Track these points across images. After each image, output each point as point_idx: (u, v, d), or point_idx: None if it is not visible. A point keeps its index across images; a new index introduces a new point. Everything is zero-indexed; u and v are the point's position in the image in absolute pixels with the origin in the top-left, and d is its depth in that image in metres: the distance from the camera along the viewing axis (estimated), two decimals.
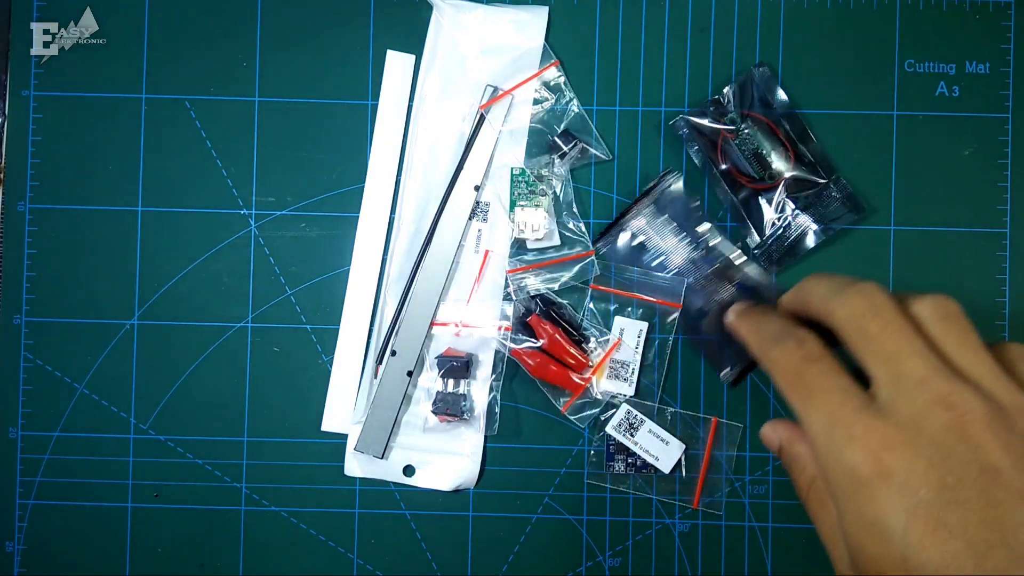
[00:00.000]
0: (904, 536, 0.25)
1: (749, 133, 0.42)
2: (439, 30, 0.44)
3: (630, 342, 0.43)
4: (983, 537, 0.24)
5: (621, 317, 0.43)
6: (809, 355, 0.30)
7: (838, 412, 0.28)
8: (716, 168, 0.42)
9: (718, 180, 0.43)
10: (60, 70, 0.44)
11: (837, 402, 0.28)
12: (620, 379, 0.43)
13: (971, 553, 0.24)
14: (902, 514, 0.25)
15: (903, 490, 0.25)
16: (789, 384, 0.30)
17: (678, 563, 0.43)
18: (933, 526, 0.25)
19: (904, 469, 0.26)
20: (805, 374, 0.29)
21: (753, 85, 0.43)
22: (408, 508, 0.44)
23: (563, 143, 0.43)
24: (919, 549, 0.25)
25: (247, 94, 0.44)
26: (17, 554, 0.44)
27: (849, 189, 0.42)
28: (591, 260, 0.43)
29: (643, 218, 0.42)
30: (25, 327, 0.44)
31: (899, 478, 0.26)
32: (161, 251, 0.44)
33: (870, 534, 0.26)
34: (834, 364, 0.29)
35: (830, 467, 0.28)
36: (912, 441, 0.26)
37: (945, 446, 0.25)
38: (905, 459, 0.26)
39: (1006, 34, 0.44)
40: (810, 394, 0.29)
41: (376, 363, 0.43)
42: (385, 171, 0.44)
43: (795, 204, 0.42)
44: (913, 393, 0.27)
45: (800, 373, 0.30)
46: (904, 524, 0.25)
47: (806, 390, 0.29)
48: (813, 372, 0.29)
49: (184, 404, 0.44)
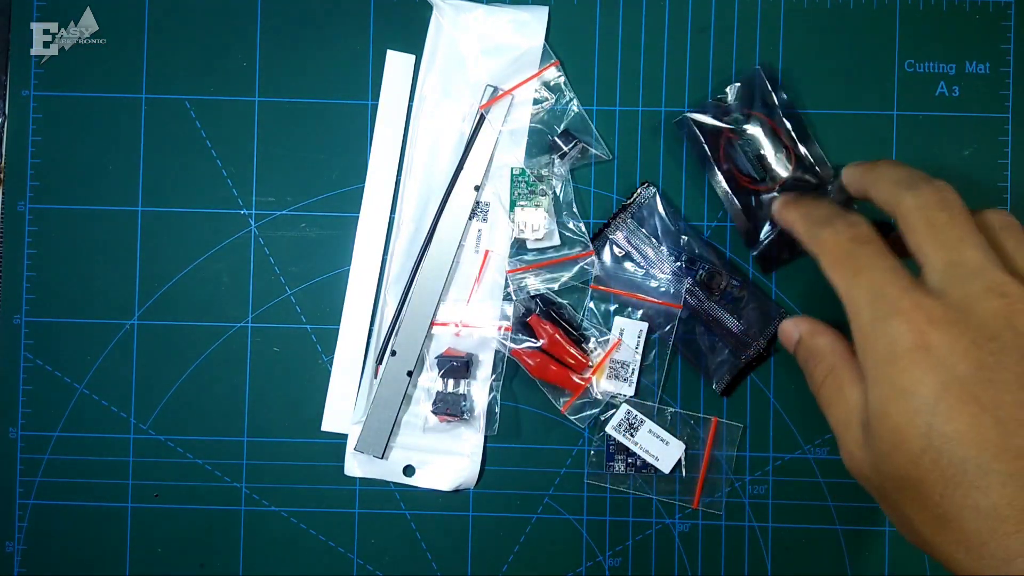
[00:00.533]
0: (934, 406, 0.26)
1: (752, 134, 0.42)
2: (439, 30, 0.44)
3: (630, 342, 0.43)
4: (1014, 415, 0.25)
5: (621, 317, 0.43)
6: (859, 236, 0.30)
7: (886, 287, 0.28)
8: (718, 168, 0.42)
9: (719, 180, 0.43)
10: (60, 70, 0.44)
11: (886, 279, 0.28)
12: (620, 379, 0.43)
13: (999, 430, 0.25)
14: (937, 385, 0.26)
15: (941, 363, 0.26)
16: (837, 262, 0.30)
17: (678, 563, 0.43)
18: (966, 399, 0.25)
19: (946, 345, 0.26)
20: (855, 252, 0.30)
21: (755, 85, 0.43)
22: (408, 508, 0.44)
23: (563, 143, 0.43)
24: (947, 419, 0.25)
25: (247, 94, 0.44)
26: (17, 554, 0.44)
27: (847, 192, 0.42)
28: (591, 260, 0.43)
29: (623, 232, 0.43)
30: (25, 327, 0.44)
31: (940, 352, 0.26)
32: (161, 251, 0.44)
33: (899, 402, 0.27)
34: (884, 247, 0.30)
35: (871, 339, 0.28)
36: (958, 321, 0.26)
37: (991, 329, 0.26)
38: (949, 336, 0.26)
39: (1006, 34, 0.44)
40: (858, 270, 0.29)
41: (376, 363, 0.43)
42: (385, 171, 0.44)
43: None
44: (968, 279, 0.27)
45: (850, 252, 0.30)
46: (936, 394, 0.26)
47: (855, 267, 0.29)
48: (863, 252, 0.30)
49: (184, 404, 0.44)
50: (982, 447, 0.25)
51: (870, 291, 0.28)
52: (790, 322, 0.36)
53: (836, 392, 0.31)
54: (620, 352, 0.43)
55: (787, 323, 0.36)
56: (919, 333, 0.26)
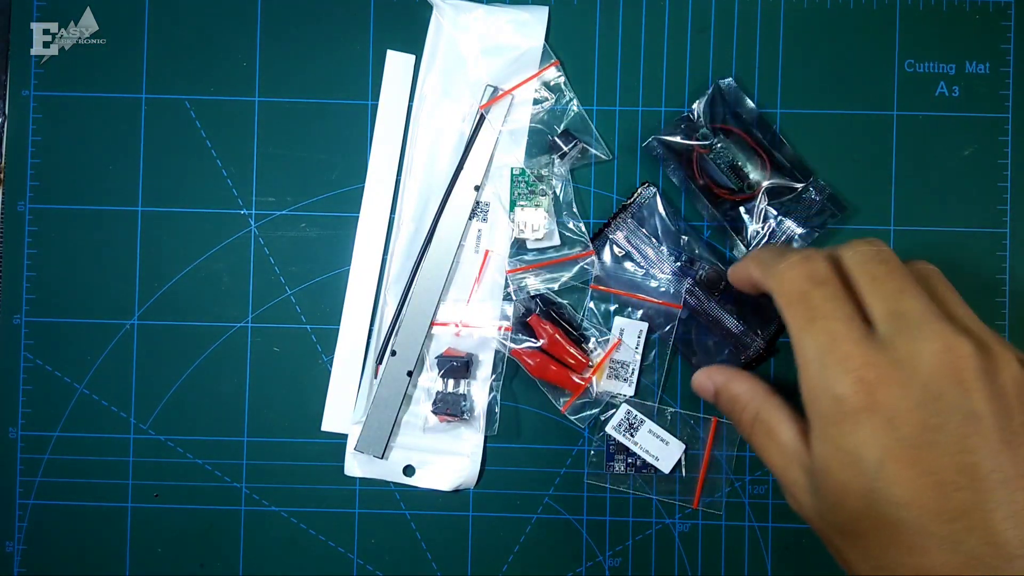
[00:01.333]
0: (877, 469, 0.26)
1: (723, 147, 0.42)
2: (439, 30, 0.44)
3: (630, 342, 0.43)
4: (951, 479, 0.25)
5: (621, 318, 0.43)
6: (815, 274, 0.30)
7: (838, 339, 0.28)
8: (694, 184, 0.42)
9: (698, 196, 0.43)
10: (60, 70, 0.44)
11: (839, 329, 0.28)
12: (620, 379, 0.43)
13: (937, 493, 0.25)
14: (880, 449, 0.26)
15: (887, 425, 0.26)
16: (791, 304, 0.29)
17: (678, 563, 0.43)
18: (908, 463, 0.25)
19: (892, 405, 0.26)
20: (810, 295, 0.29)
21: (722, 98, 0.43)
22: (408, 508, 0.44)
23: (563, 143, 0.43)
24: (889, 483, 0.26)
25: (247, 94, 0.44)
26: (17, 554, 0.44)
27: (828, 189, 0.42)
28: (591, 260, 0.43)
29: (623, 231, 0.43)
30: (25, 327, 0.44)
31: (885, 413, 0.26)
32: (161, 251, 0.44)
33: (843, 463, 0.27)
34: (840, 289, 0.29)
35: (816, 393, 0.28)
36: (905, 379, 0.26)
37: (936, 387, 0.26)
38: (895, 396, 0.26)
39: (1006, 34, 0.44)
40: (812, 317, 0.29)
41: (376, 363, 0.43)
42: (385, 171, 0.44)
43: (777, 210, 0.42)
44: (912, 331, 0.27)
45: (804, 294, 0.29)
46: (880, 458, 0.26)
47: (809, 313, 0.29)
48: (818, 295, 0.29)
49: (184, 404, 0.44)
50: (920, 511, 0.25)
51: (822, 342, 0.28)
52: (702, 373, 0.35)
53: (767, 437, 0.31)
54: (620, 352, 0.43)
55: (699, 375, 0.36)
56: (868, 393, 0.26)
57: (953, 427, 0.25)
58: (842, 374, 0.27)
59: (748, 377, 0.33)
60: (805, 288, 0.29)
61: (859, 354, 0.27)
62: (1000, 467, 0.25)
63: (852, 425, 0.26)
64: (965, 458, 0.25)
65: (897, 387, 0.26)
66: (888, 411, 0.26)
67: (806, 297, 0.29)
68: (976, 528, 0.24)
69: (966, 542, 0.24)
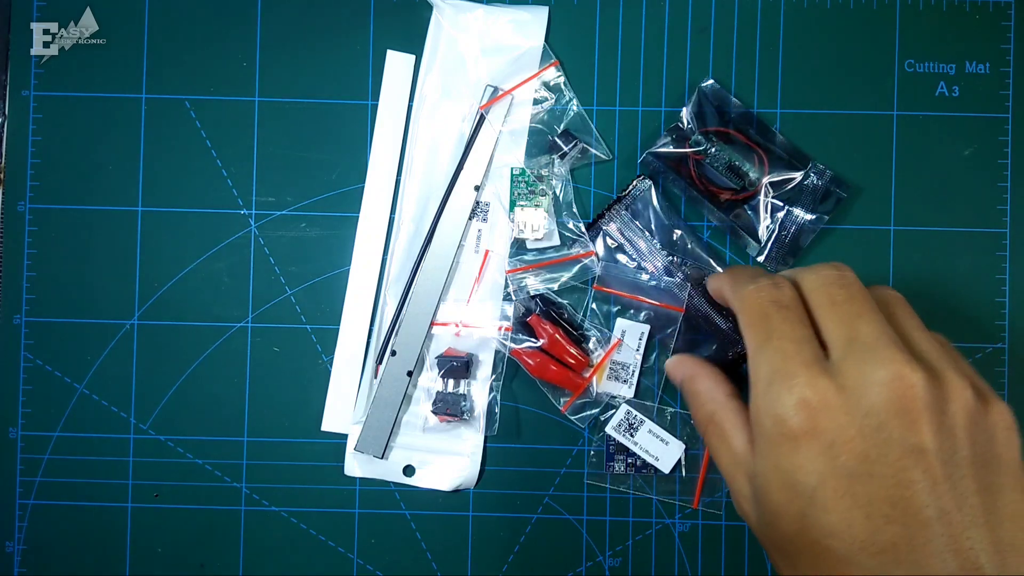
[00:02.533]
0: (812, 495, 0.26)
1: (717, 149, 0.42)
2: (439, 30, 0.44)
3: (631, 344, 0.43)
4: (884, 512, 0.25)
5: (623, 319, 0.43)
6: (780, 299, 0.30)
7: (787, 361, 0.27)
8: (696, 191, 0.42)
9: (702, 202, 0.43)
10: (60, 70, 0.44)
11: (790, 350, 0.28)
12: (620, 380, 0.43)
13: (867, 525, 0.25)
14: (816, 475, 0.26)
15: (826, 453, 0.26)
16: (751, 322, 0.30)
17: (678, 563, 0.43)
18: (842, 493, 0.25)
19: (833, 432, 0.26)
20: (770, 316, 0.29)
21: (707, 101, 0.43)
22: (408, 508, 0.44)
23: (563, 143, 0.43)
24: (822, 510, 0.25)
25: (247, 94, 0.44)
26: (17, 554, 0.44)
27: (828, 172, 0.42)
28: (591, 260, 0.43)
29: (616, 223, 0.43)
30: (25, 327, 0.44)
31: (825, 440, 0.26)
32: (161, 251, 0.44)
33: (780, 484, 0.27)
34: (801, 315, 0.29)
35: (761, 413, 0.28)
36: (850, 407, 0.26)
37: (880, 417, 0.26)
38: (837, 423, 0.26)
39: (1006, 34, 0.44)
40: (768, 337, 0.29)
41: (376, 363, 0.43)
42: (385, 171, 0.44)
43: (782, 202, 0.42)
44: (863, 356, 0.27)
45: (766, 314, 0.29)
46: (815, 484, 0.26)
47: (766, 332, 0.29)
48: (777, 316, 0.29)
49: (184, 404, 0.44)
50: (850, 541, 0.25)
51: (773, 362, 0.28)
52: (674, 361, 0.36)
53: (719, 439, 0.31)
54: (621, 353, 0.43)
55: (671, 362, 0.36)
56: (810, 417, 0.26)
57: (892, 459, 0.25)
58: (786, 394, 0.27)
59: (714, 375, 0.33)
60: (766, 310, 0.29)
61: (805, 376, 0.27)
62: (937, 501, 0.24)
63: (791, 448, 0.26)
64: (901, 492, 0.25)
65: (840, 414, 0.26)
66: (828, 437, 0.26)
67: (766, 318, 0.29)
68: (903, 562, 0.24)
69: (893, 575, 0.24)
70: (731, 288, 0.32)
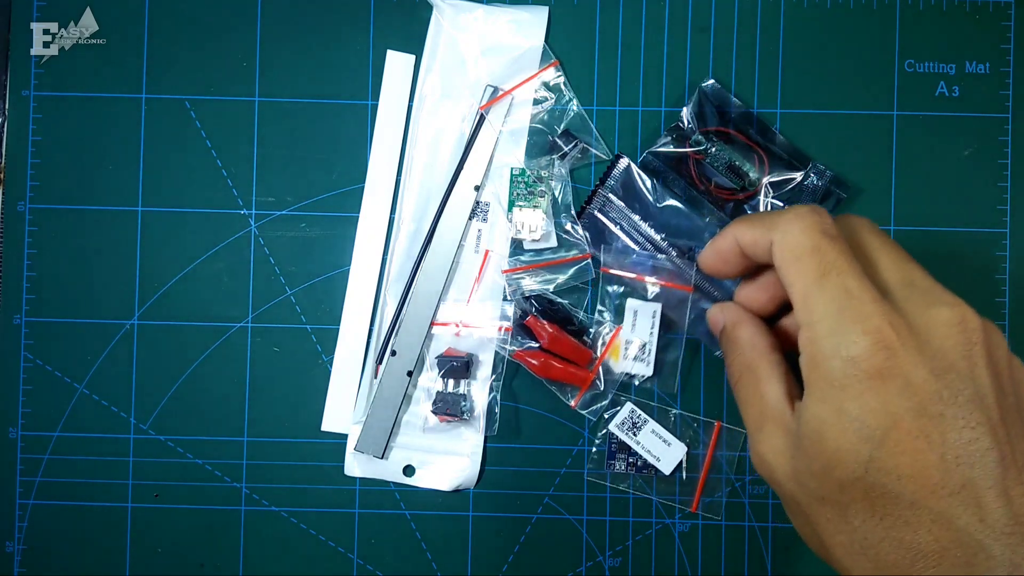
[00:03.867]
0: (882, 439, 0.25)
1: (718, 149, 0.42)
2: (439, 30, 0.44)
3: (644, 324, 0.42)
4: (956, 454, 0.24)
5: (633, 299, 0.42)
6: (827, 228, 0.28)
7: (854, 298, 0.26)
8: (697, 191, 0.42)
9: (703, 202, 0.43)
10: (60, 70, 0.44)
11: (854, 287, 0.26)
12: (638, 360, 0.42)
13: (940, 468, 0.24)
14: (888, 417, 0.25)
15: (902, 392, 0.25)
16: (800, 257, 0.27)
17: (678, 563, 0.43)
18: (916, 434, 0.24)
19: (908, 372, 0.25)
20: (823, 248, 0.27)
21: (707, 101, 0.43)
22: (408, 508, 0.44)
23: (563, 143, 0.43)
24: (893, 453, 0.25)
25: (247, 94, 0.44)
26: (17, 554, 0.44)
27: (828, 173, 0.42)
28: (587, 263, 0.43)
29: (601, 207, 0.42)
30: (25, 327, 0.44)
31: (901, 380, 0.25)
32: (161, 251, 0.44)
33: (843, 429, 0.25)
34: (848, 248, 0.27)
35: (826, 355, 0.26)
36: (922, 347, 0.25)
37: (948, 360, 0.25)
38: (912, 362, 0.25)
39: (1006, 34, 0.44)
40: (825, 271, 0.27)
41: (376, 363, 0.43)
42: (385, 171, 0.44)
43: (782, 202, 0.42)
44: (926, 298, 0.26)
45: (817, 246, 0.27)
46: (886, 427, 0.25)
47: (821, 266, 0.27)
48: (831, 248, 0.27)
49: (184, 404, 0.44)
50: (921, 484, 0.24)
51: (836, 299, 0.26)
52: (717, 308, 0.33)
53: (752, 390, 0.30)
54: (635, 333, 0.42)
55: (714, 309, 0.33)
56: (887, 357, 0.25)
57: (962, 400, 0.25)
58: (860, 335, 0.25)
59: (758, 325, 0.31)
60: (817, 241, 0.27)
61: (879, 314, 0.25)
62: (998, 445, 0.24)
63: (862, 389, 0.25)
64: (970, 433, 0.24)
65: (915, 353, 0.25)
66: (904, 378, 0.25)
67: (817, 251, 0.27)
68: (970, 504, 0.24)
69: (960, 518, 0.24)
70: (758, 228, 0.30)
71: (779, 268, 0.28)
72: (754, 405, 0.29)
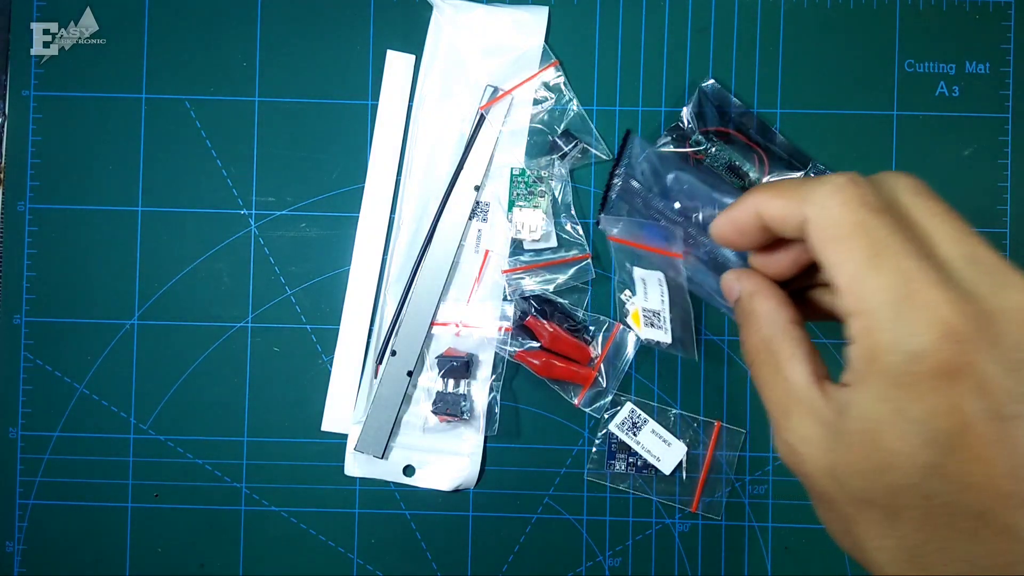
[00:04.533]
0: (953, 443, 0.21)
1: (718, 149, 0.42)
2: (439, 30, 0.44)
3: (653, 292, 0.40)
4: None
5: (639, 268, 0.40)
6: (870, 201, 0.24)
7: (914, 282, 0.22)
8: None
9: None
10: (60, 70, 0.44)
11: (912, 269, 0.22)
12: (656, 327, 0.40)
13: (1013, 477, 0.21)
14: (960, 421, 0.21)
15: (976, 392, 0.21)
16: (844, 236, 0.24)
17: (678, 563, 0.43)
18: (994, 439, 0.21)
19: (982, 368, 0.21)
20: (869, 225, 0.23)
21: (707, 101, 0.43)
22: (408, 508, 0.44)
23: (563, 143, 0.43)
24: (961, 461, 0.21)
25: (247, 94, 0.44)
26: (17, 554, 0.44)
27: (827, 172, 0.42)
28: (587, 263, 0.43)
29: (619, 181, 0.41)
30: (25, 327, 0.44)
31: (975, 378, 0.21)
32: (161, 251, 0.44)
33: (903, 431, 0.22)
34: (899, 221, 0.24)
35: (886, 348, 0.22)
36: (995, 339, 0.22)
37: (1021, 353, 0.21)
38: (985, 358, 0.21)
39: (1006, 34, 0.44)
40: (877, 251, 0.23)
41: (376, 363, 0.43)
42: (385, 171, 0.44)
43: None
44: (995, 279, 0.22)
45: (862, 224, 0.23)
46: (959, 431, 0.21)
47: (872, 246, 0.23)
48: (880, 225, 0.23)
49: (184, 404, 0.44)
50: (989, 495, 0.21)
51: (893, 284, 0.22)
52: (732, 275, 0.29)
53: (772, 371, 0.26)
54: (648, 301, 0.40)
55: (728, 275, 0.29)
56: (960, 352, 0.21)
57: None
58: (926, 326, 0.22)
59: (778, 296, 0.28)
60: (861, 217, 0.23)
61: (946, 302, 0.22)
62: None
63: (927, 388, 0.22)
64: None
65: (988, 347, 0.21)
66: (978, 375, 0.21)
67: (865, 228, 0.23)
68: None
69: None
70: (789, 198, 0.26)
71: (817, 248, 0.25)
72: (777, 387, 0.26)
